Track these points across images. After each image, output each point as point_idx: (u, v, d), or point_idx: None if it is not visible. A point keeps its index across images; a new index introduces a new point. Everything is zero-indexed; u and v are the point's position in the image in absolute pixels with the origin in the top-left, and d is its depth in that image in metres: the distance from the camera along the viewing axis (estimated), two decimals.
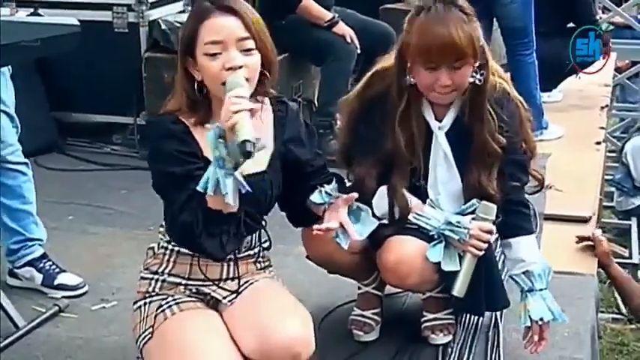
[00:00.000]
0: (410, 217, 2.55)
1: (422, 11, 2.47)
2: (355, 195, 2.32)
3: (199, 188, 2.04)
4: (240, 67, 2.12)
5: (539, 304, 2.58)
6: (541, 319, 2.58)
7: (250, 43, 2.14)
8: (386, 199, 2.57)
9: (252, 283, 2.31)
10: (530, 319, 2.59)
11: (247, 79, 2.13)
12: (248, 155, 1.97)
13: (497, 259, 2.87)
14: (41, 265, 3.12)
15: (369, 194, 2.54)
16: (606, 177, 6.46)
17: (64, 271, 3.14)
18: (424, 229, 2.54)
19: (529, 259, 2.61)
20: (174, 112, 2.21)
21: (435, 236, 2.53)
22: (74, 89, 4.79)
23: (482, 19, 5.00)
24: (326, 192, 2.32)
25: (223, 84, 2.12)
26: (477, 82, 2.49)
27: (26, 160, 3.15)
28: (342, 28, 4.49)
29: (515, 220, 2.61)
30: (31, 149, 4.33)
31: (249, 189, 2.06)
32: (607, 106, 5.68)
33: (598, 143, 4.84)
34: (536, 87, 4.82)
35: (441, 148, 2.58)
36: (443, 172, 2.59)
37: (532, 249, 2.64)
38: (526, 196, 2.69)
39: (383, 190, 2.57)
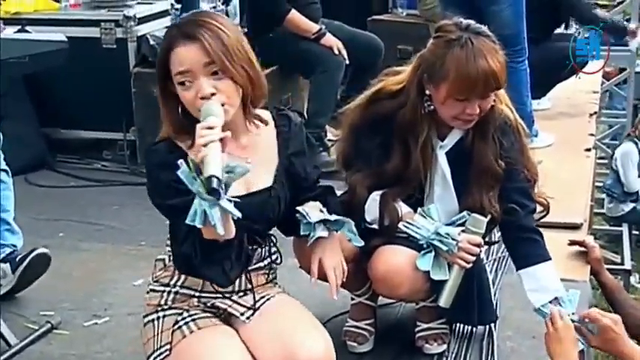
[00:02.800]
0: (400, 225, 2.55)
1: (454, 43, 2.44)
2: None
3: (188, 222, 2.00)
4: (214, 94, 2.09)
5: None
6: (582, 350, 2.47)
7: (216, 67, 2.10)
8: (376, 206, 2.57)
9: (268, 299, 2.30)
10: None
11: (224, 103, 2.10)
12: (214, 192, 1.93)
13: (490, 272, 2.86)
14: (9, 257, 3.11)
15: (360, 201, 2.56)
16: (596, 184, 6.48)
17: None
18: (414, 237, 2.54)
19: (553, 286, 2.52)
20: (170, 138, 2.20)
21: (425, 245, 2.53)
22: (63, 105, 4.79)
23: None
24: (314, 225, 2.32)
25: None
26: (492, 103, 2.49)
27: (6, 168, 3.14)
28: (329, 39, 4.51)
29: (529, 248, 2.56)
30: (21, 166, 4.35)
31: (239, 215, 2.02)
32: (596, 113, 5.70)
33: (588, 150, 4.85)
34: (528, 95, 4.83)
35: (440, 167, 2.59)
36: (439, 191, 2.60)
37: (553, 275, 2.55)
38: None
39: (374, 195, 2.58)
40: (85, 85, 4.63)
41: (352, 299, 2.81)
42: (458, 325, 2.85)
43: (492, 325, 2.86)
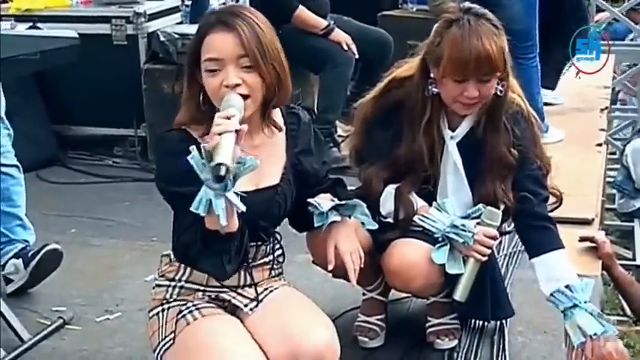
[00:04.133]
0: (415, 218, 2.55)
1: (452, 24, 2.45)
2: None
3: (192, 209, 2.01)
4: (238, 85, 2.11)
5: (588, 318, 2.45)
6: (595, 334, 2.44)
7: (247, 61, 2.13)
8: (392, 199, 2.57)
9: (271, 291, 2.31)
10: (583, 334, 2.45)
11: (247, 96, 2.12)
12: (221, 179, 1.95)
13: (501, 267, 2.86)
14: (21, 253, 3.13)
15: (375, 195, 2.56)
16: (608, 179, 6.46)
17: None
18: (429, 231, 2.54)
19: (565, 274, 2.51)
20: (183, 125, 2.21)
21: (440, 239, 2.53)
22: (74, 102, 4.80)
23: None
24: (326, 213, 2.32)
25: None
26: (499, 93, 2.49)
27: (17, 163, 3.16)
28: (338, 35, 4.49)
29: (543, 236, 2.55)
30: (32, 163, 4.37)
31: (243, 208, 2.03)
32: (607, 108, 5.68)
33: (599, 145, 4.83)
34: (538, 92, 4.81)
35: (451, 158, 2.58)
36: (452, 182, 2.59)
37: (566, 264, 2.54)
38: None
39: (389, 189, 2.58)
40: (96, 82, 4.64)
41: (363, 294, 2.81)
42: (469, 320, 2.85)
43: (504, 320, 2.86)
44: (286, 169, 2.30)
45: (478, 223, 2.50)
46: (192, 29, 4.28)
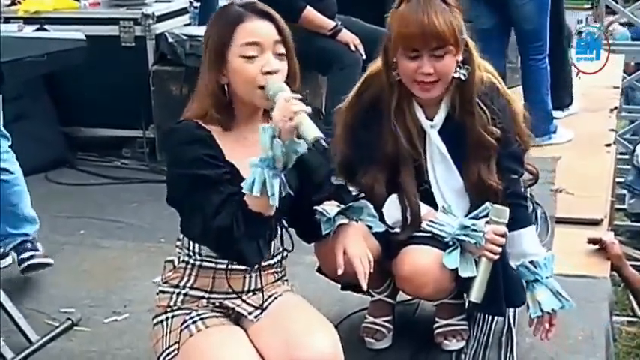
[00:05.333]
0: (423, 225, 2.54)
1: (402, 3, 2.49)
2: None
3: (245, 190, 2.03)
4: (277, 71, 2.15)
5: (547, 294, 2.57)
6: (553, 310, 2.57)
7: (281, 48, 2.18)
8: (396, 207, 2.56)
9: (275, 298, 2.30)
10: (541, 309, 2.57)
11: None
12: (324, 151, 2.01)
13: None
14: (20, 247, 3.26)
15: (379, 202, 2.54)
16: (617, 179, 6.43)
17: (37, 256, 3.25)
18: (438, 235, 2.53)
19: (532, 250, 2.60)
20: (195, 119, 2.21)
21: (450, 242, 2.52)
22: (83, 104, 4.82)
23: (497, 22, 4.90)
24: (333, 218, 2.32)
25: (260, 87, 2.13)
26: (462, 76, 2.50)
27: (5, 167, 3.21)
28: (346, 36, 4.49)
29: (516, 213, 2.57)
30: (41, 164, 4.39)
31: (292, 192, 2.07)
32: (616, 108, 5.66)
33: (608, 145, 4.82)
34: (547, 92, 4.79)
35: (435, 147, 2.58)
36: (442, 171, 2.59)
37: (534, 240, 2.65)
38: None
39: (393, 197, 2.57)
40: (104, 84, 4.65)
41: (372, 296, 2.80)
42: (477, 321, 2.84)
43: (512, 321, 2.85)
44: None
45: (487, 222, 2.49)
46: (200, 31, 4.29)
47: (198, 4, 5.88)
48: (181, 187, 2.18)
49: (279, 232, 2.32)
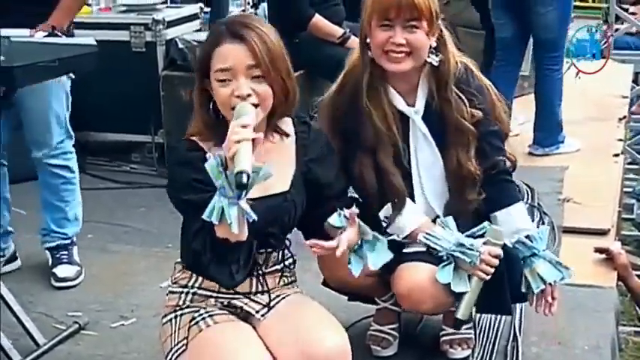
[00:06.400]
0: (420, 237, 2.53)
1: None
2: (356, 211, 2.30)
3: (205, 217, 2.04)
4: (249, 95, 2.13)
5: (547, 266, 2.54)
6: (554, 281, 2.54)
7: (258, 71, 2.15)
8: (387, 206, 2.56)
9: (283, 298, 2.32)
10: (544, 282, 2.54)
11: (257, 105, 2.14)
12: (243, 187, 1.97)
13: None
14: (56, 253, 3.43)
15: (370, 189, 2.54)
16: (626, 189, 6.42)
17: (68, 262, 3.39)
18: (433, 249, 2.51)
19: (525, 225, 2.59)
20: (195, 136, 2.23)
21: (444, 257, 2.50)
22: (92, 109, 4.80)
23: (517, 30, 4.83)
24: (344, 216, 2.31)
25: (233, 109, 2.14)
26: (434, 62, 2.50)
27: (67, 164, 3.39)
28: (354, 43, 4.46)
29: (504, 189, 2.59)
30: None
31: (255, 217, 2.05)
32: (625, 117, 5.65)
33: (616, 155, 4.81)
34: (559, 104, 4.78)
35: (419, 132, 2.57)
36: (426, 156, 2.58)
37: (525, 215, 2.64)
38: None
39: (388, 206, 2.57)
40: (114, 89, 4.66)
41: (377, 304, 2.81)
42: (483, 330, 2.85)
43: (517, 330, 2.85)
44: (296, 176, 2.31)
45: (484, 243, 2.47)
46: None
47: (208, 10, 5.89)
48: (176, 205, 2.25)
49: (280, 247, 2.34)
